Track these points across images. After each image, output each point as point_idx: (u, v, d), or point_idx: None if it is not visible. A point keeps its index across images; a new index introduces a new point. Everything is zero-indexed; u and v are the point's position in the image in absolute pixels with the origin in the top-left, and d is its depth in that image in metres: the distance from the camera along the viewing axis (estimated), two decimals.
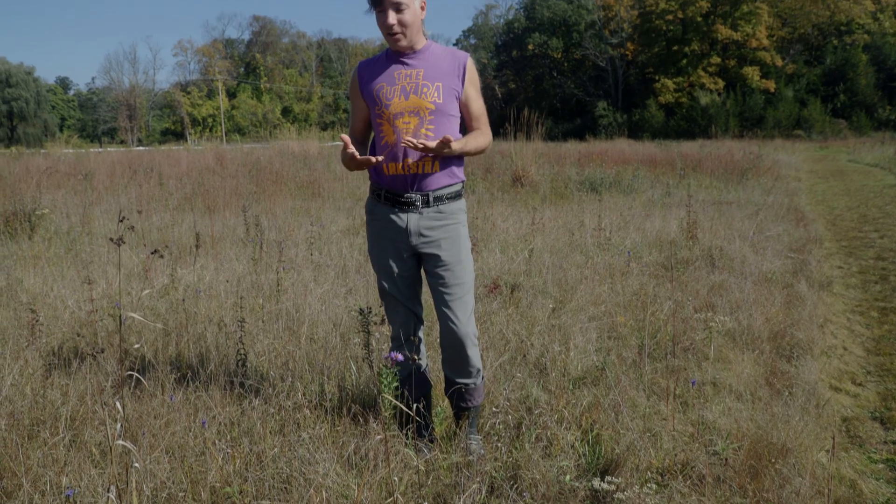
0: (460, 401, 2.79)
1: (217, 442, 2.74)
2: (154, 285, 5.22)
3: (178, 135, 76.73)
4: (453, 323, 2.64)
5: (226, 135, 67.38)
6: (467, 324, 2.66)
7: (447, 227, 2.64)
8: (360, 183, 12.97)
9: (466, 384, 2.76)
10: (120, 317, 2.20)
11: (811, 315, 4.74)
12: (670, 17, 57.37)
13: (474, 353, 2.71)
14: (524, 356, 3.71)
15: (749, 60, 55.73)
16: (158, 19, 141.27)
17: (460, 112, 2.69)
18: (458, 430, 2.86)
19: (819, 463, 2.76)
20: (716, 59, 56.34)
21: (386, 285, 2.72)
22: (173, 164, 16.46)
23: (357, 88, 2.69)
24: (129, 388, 3.21)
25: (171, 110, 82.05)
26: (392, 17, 2.47)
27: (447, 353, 2.72)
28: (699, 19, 56.55)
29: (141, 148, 41.68)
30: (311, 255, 6.32)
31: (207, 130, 73.53)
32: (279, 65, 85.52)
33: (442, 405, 3.06)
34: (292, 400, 3.07)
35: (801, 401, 3.31)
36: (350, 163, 2.53)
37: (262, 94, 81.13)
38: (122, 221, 2.06)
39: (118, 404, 1.99)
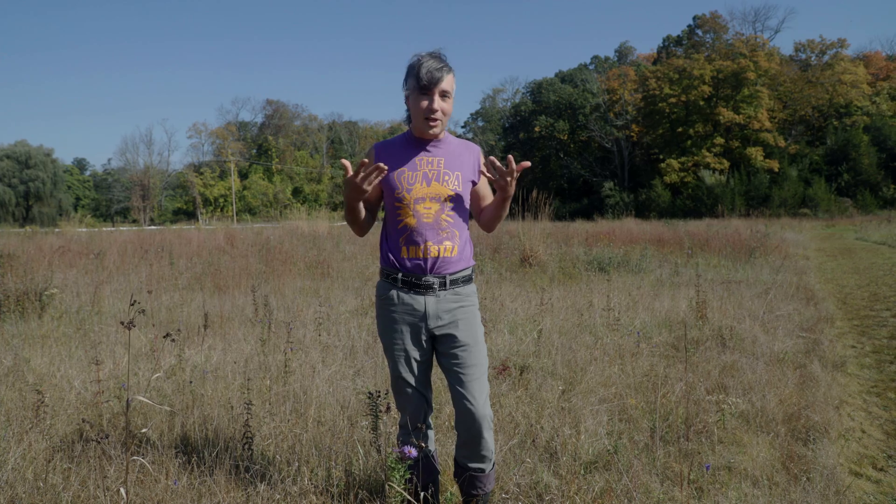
0: (471, 488, 2.72)
1: None
2: (162, 366, 5.20)
3: (189, 214, 77.99)
4: (471, 404, 2.60)
5: (237, 214, 68.40)
6: (485, 405, 2.63)
7: (464, 309, 2.66)
8: (369, 263, 13.06)
9: (480, 469, 2.71)
10: (127, 400, 2.19)
11: (826, 396, 4.66)
12: (673, 100, 58.90)
13: (489, 437, 2.67)
14: (534, 440, 3.64)
15: (752, 141, 56.82)
16: (175, 103, 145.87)
17: (474, 197, 2.84)
18: None
19: None
20: (719, 140, 57.44)
21: (402, 371, 2.68)
22: (184, 244, 16.64)
23: None
24: (133, 472, 3.15)
25: (183, 190, 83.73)
26: (437, 103, 2.55)
27: (463, 436, 2.68)
28: (701, 102, 58.01)
29: (153, 227, 42.28)
30: (320, 335, 6.30)
31: (219, 210, 74.71)
32: (291, 146, 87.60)
33: (452, 490, 2.99)
34: (298, 485, 3.01)
35: (821, 487, 3.22)
36: (353, 185, 2.51)
37: (273, 175, 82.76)
38: (133, 305, 2.08)
39: (122, 491, 1.96)
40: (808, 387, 4.87)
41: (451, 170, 2.66)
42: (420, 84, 2.51)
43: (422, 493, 2.58)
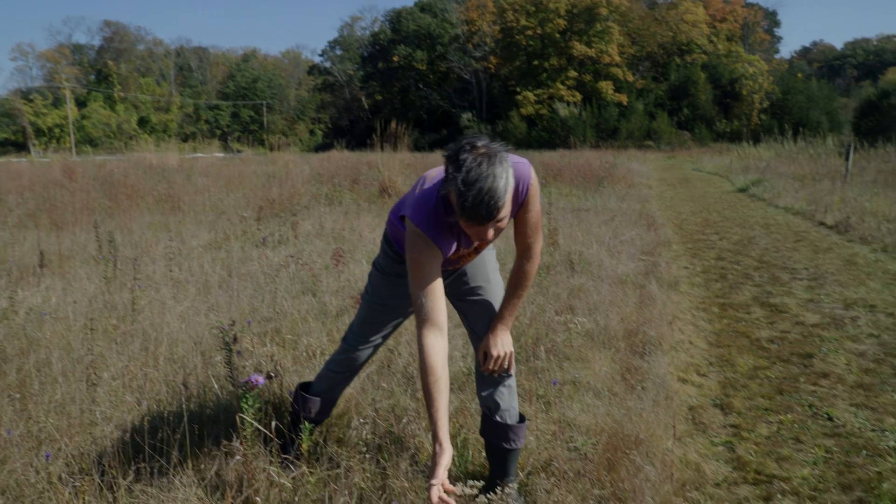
0: (504, 440, 2.53)
1: (63, 476, 2.55)
2: None
3: (19, 146, 70.94)
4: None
5: (76, 146, 63.04)
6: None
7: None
8: (223, 196, 12.54)
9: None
10: None
11: (661, 313, 5.06)
12: (530, 32, 59.80)
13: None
14: (389, 365, 3.71)
15: (603, 75, 59.06)
16: None
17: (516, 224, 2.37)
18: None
19: (668, 450, 2.95)
20: (573, 74, 59.23)
21: (380, 319, 2.57)
22: (13, 178, 15.22)
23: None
24: None
25: (10, 119, 75.73)
26: (491, 233, 2.01)
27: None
28: (557, 36, 59.32)
29: None
30: (171, 271, 6.04)
31: (55, 141, 68.49)
32: (134, 73, 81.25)
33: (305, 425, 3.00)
34: (148, 423, 2.91)
35: (653, 394, 3.52)
36: None
37: (115, 104, 76.61)
38: None
39: None
40: (646, 305, 5.26)
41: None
42: (469, 220, 1.96)
43: (273, 423, 2.58)
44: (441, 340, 2.10)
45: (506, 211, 1.95)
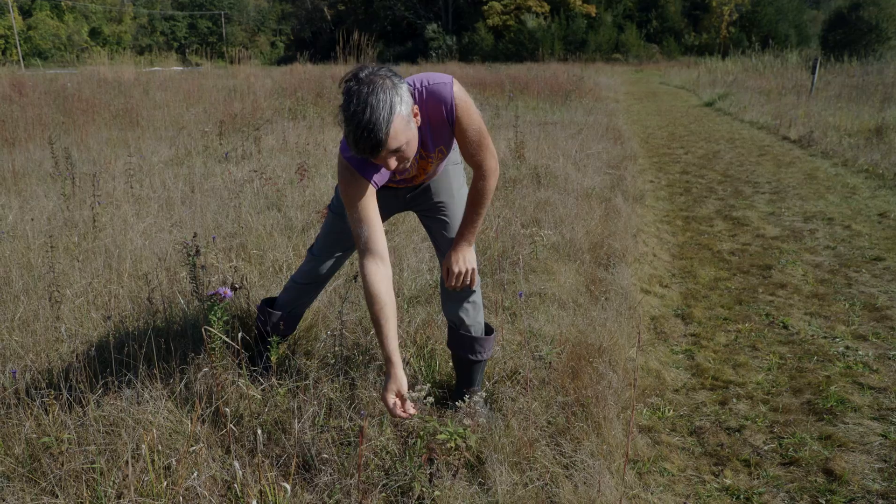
0: (469, 353, 2.55)
1: (31, 391, 2.54)
2: None
3: None
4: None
5: (23, 59, 60.14)
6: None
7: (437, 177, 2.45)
8: (183, 111, 12.18)
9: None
10: None
11: (626, 226, 5.12)
12: None
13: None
14: (355, 277, 3.72)
15: None
16: None
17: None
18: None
19: (630, 358, 3.04)
20: None
21: (342, 229, 2.47)
22: None
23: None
24: None
25: None
26: (393, 162, 1.91)
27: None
28: None
29: None
30: (131, 188, 5.90)
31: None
32: None
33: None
34: (115, 339, 2.90)
35: (616, 304, 3.60)
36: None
37: (63, 14, 72.80)
38: None
39: None
40: (612, 218, 5.31)
41: (435, 159, 2.27)
42: (358, 153, 1.89)
43: (239, 334, 2.58)
44: (383, 268, 2.09)
45: (398, 140, 1.84)
